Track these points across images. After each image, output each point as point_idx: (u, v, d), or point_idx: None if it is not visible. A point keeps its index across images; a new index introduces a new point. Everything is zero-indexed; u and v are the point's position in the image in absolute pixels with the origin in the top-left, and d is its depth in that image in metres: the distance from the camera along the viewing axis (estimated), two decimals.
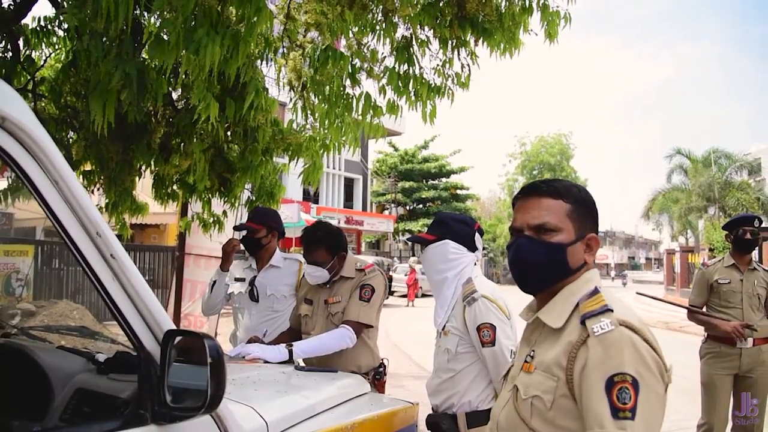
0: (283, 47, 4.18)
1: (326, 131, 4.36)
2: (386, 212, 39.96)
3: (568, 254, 1.45)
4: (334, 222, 24.65)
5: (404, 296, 23.93)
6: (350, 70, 4.00)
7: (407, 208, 40.63)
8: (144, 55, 3.39)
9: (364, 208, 36.26)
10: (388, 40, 4.14)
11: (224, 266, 3.67)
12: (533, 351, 1.45)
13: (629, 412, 1.20)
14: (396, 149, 42.33)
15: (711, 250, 22.38)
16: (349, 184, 35.36)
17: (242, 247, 3.67)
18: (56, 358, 1.87)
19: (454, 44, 4.26)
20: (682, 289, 25.82)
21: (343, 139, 4.34)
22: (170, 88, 4.32)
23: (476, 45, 4.29)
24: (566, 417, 1.32)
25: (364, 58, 4.17)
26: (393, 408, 2.43)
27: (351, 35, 4.15)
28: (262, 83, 3.96)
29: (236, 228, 3.79)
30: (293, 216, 18.68)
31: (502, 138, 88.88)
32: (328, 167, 31.96)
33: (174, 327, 1.46)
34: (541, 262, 1.46)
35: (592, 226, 1.50)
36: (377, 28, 4.12)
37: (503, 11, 4.08)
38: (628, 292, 36.11)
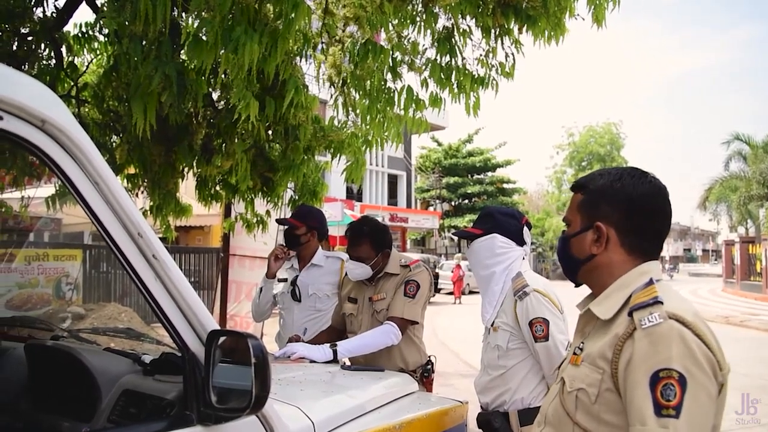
0: (322, 43, 4.18)
1: (368, 127, 4.34)
2: (431, 208, 39.77)
3: (571, 246, 1.48)
4: (378, 220, 24.95)
5: (451, 293, 23.82)
6: (391, 64, 3.98)
7: (452, 203, 40.39)
8: (183, 57, 3.44)
9: (409, 205, 36.22)
10: (428, 31, 4.10)
11: (269, 273, 3.69)
12: (583, 343, 1.43)
13: (673, 410, 1.15)
14: (439, 144, 42.13)
15: None
16: (392, 180, 35.38)
17: (287, 253, 3.70)
18: (103, 360, 1.90)
19: (497, 33, 4.19)
20: (742, 282, 25.06)
21: (386, 134, 4.31)
22: (210, 89, 4.38)
23: (520, 33, 4.22)
24: (610, 411, 1.28)
25: (405, 51, 4.14)
26: (442, 407, 2.40)
27: (391, 28, 4.12)
28: (301, 80, 3.97)
29: (278, 221, 3.88)
30: (337, 214, 18.79)
31: (549, 129, 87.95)
32: (370, 164, 32.05)
33: (218, 327, 1.46)
34: (560, 255, 1.55)
35: (608, 213, 1.42)
36: (417, 19, 4.08)
37: None
38: (683, 285, 35.29)
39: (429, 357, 3.14)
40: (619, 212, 1.42)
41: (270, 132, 4.56)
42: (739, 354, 10.91)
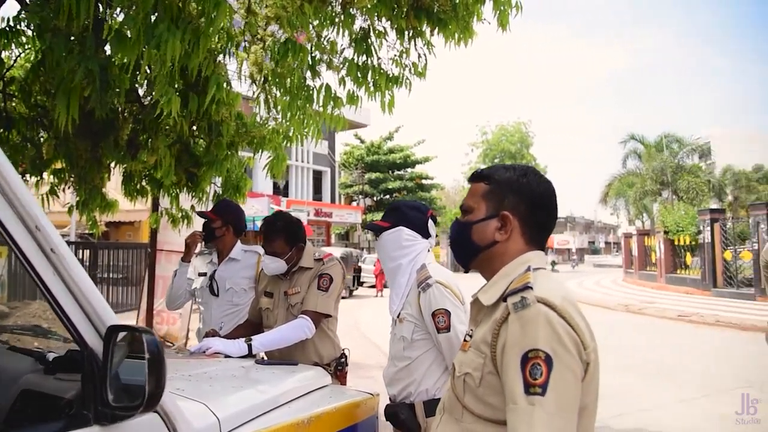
0: (245, 41, 4.20)
1: (288, 123, 4.39)
2: (354, 204, 39.95)
3: (473, 232, 1.50)
4: (303, 215, 24.65)
5: (373, 287, 24.01)
6: (310, 63, 4.05)
7: (374, 199, 40.70)
8: (108, 52, 3.39)
9: (333, 200, 36.24)
10: (346, 31, 4.18)
11: (185, 258, 3.68)
12: (473, 330, 1.47)
13: (540, 388, 1.19)
14: (362, 141, 42.34)
15: (666, 233, 22.90)
16: (317, 176, 35.30)
17: (201, 236, 3.69)
18: (2, 359, 1.80)
19: (410, 34, 4.31)
20: (639, 272, 26.41)
21: (306, 130, 4.37)
22: (135, 84, 4.31)
23: (432, 35, 4.35)
24: (493, 393, 1.32)
25: (324, 50, 4.21)
26: (353, 400, 2.37)
27: (311, 28, 4.18)
28: (224, 78, 3.97)
29: (197, 213, 3.89)
30: (263, 209, 18.63)
31: (465, 127, 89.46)
32: (296, 160, 31.85)
33: (118, 323, 1.38)
34: (455, 241, 1.57)
35: (514, 205, 1.48)
36: (336, 20, 4.16)
37: (457, 1, 4.14)
38: (587, 276, 36.82)
39: (343, 350, 3.15)
40: (524, 205, 1.48)
41: (194, 128, 4.54)
42: (642, 340, 11.60)
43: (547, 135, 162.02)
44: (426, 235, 2.53)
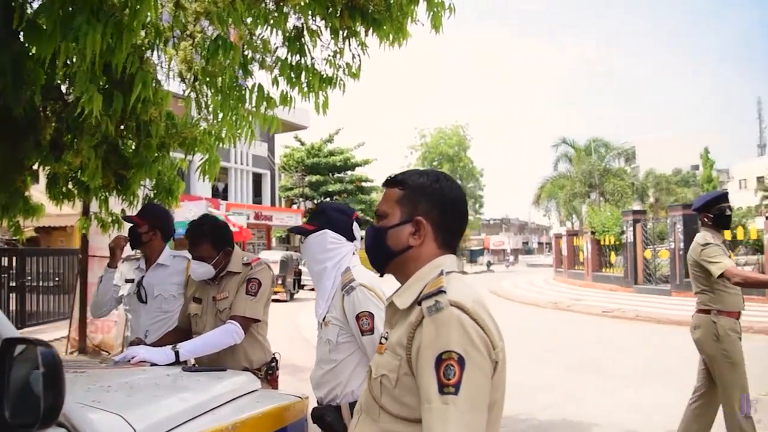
0: (174, 38, 4.02)
1: (221, 124, 4.24)
2: (295, 206, 39.55)
3: (388, 237, 1.51)
4: (243, 218, 24.22)
5: (313, 290, 23.76)
6: (242, 61, 3.90)
7: (315, 201, 40.42)
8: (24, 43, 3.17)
9: (273, 203, 35.76)
10: (279, 30, 4.06)
11: (111, 263, 3.50)
12: (388, 332, 1.48)
13: (453, 387, 1.24)
14: (302, 143, 41.99)
15: (593, 233, 23.61)
16: (257, 179, 34.72)
17: (126, 241, 3.52)
18: None
19: (344, 34, 4.22)
20: (569, 271, 27.13)
21: (239, 132, 4.22)
22: (58, 81, 4.07)
23: (366, 35, 4.28)
24: (409, 394, 1.34)
25: (256, 49, 4.07)
26: (281, 403, 2.34)
27: (244, 25, 4.04)
28: (152, 75, 3.79)
29: (123, 218, 3.70)
30: (201, 213, 18.13)
31: (405, 130, 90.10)
32: (235, 163, 31.24)
33: (17, 335, 1.31)
34: (371, 246, 1.57)
35: (428, 210, 1.50)
36: (270, 18, 4.03)
37: (391, 2, 4.08)
38: (521, 276, 37.61)
39: (274, 354, 3.09)
40: (437, 210, 1.50)
41: (122, 128, 4.32)
42: (570, 336, 11.90)
43: (487, 138, 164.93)
44: (351, 237, 2.49)
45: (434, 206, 1.50)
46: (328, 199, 40.20)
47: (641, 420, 5.76)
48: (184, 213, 13.01)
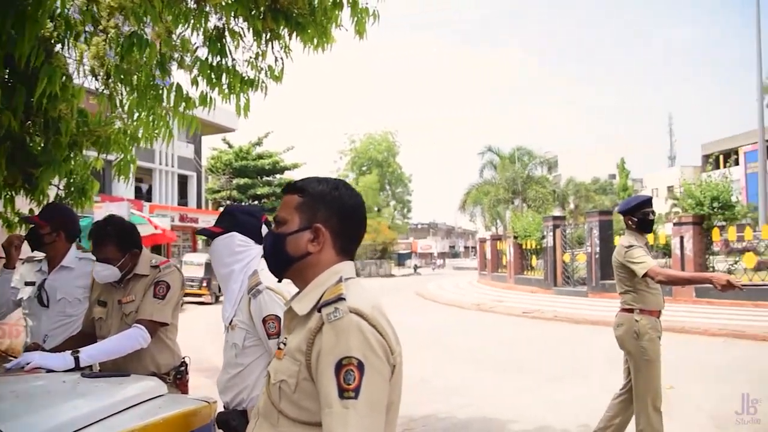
0: (86, 32, 3.83)
1: (136, 123, 4.07)
2: (221, 209, 38.75)
3: (287, 243, 1.51)
4: (167, 220, 23.44)
5: None
6: (159, 60, 3.76)
7: (243, 204, 39.74)
8: None
9: (199, 206, 34.84)
10: (200, 29, 3.94)
11: (8, 264, 3.27)
12: (286, 338, 1.49)
13: (353, 392, 1.27)
14: (230, 146, 41.24)
15: (515, 237, 24.29)
16: (182, 181, 33.72)
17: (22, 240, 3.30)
18: None
19: (267, 37, 4.16)
20: (492, 273, 27.79)
21: (156, 132, 4.07)
22: None
23: (290, 38, 4.23)
24: (308, 398, 1.36)
25: (175, 48, 3.93)
26: (187, 408, 2.26)
27: (163, 23, 3.90)
28: (62, 70, 3.59)
29: (23, 219, 3.48)
30: (123, 215, 17.41)
31: (335, 135, 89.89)
32: (160, 164, 30.25)
33: None
34: (270, 252, 1.57)
35: (327, 217, 1.51)
36: (190, 17, 3.91)
37: (315, 5, 4.05)
38: (448, 278, 38.20)
39: (183, 358, 2.99)
40: (336, 217, 1.51)
41: (29, 123, 4.08)
42: (491, 336, 12.17)
43: (414, 144, 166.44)
44: (259, 240, 2.44)
45: (333, 214, 1.51)
46: (256, 203, 39.63)
47: (557, 415, 5.95)
48: (104, 214, 12.46)
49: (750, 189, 50.27)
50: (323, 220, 1.50)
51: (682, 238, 16.13)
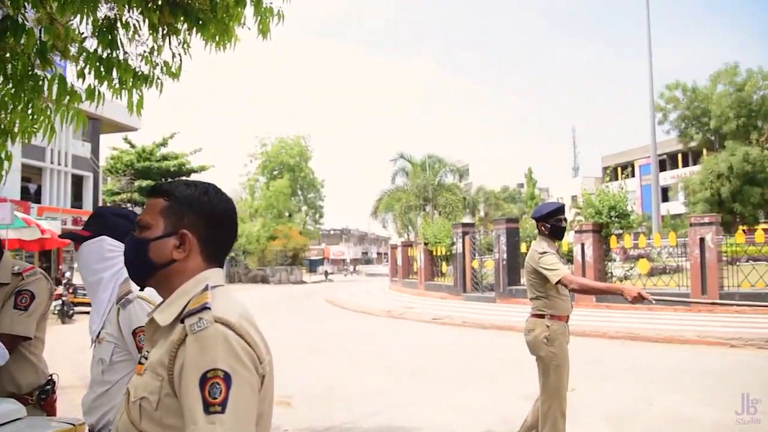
0: None
1: (11, 116, 3.75)
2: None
3: (150, 249, 1.44)
4: (57, 223, 22.06)
5: None
6: (38, 47, 3.47)
7: (116, 207, 38.12)
8: None
9: (96, 209, 33.12)
10: (89, 19, 3.69)
11: None
12: (148, 352, 1.41)
13: (219, 406, 1.21)
14: (132, 146, 39.55)
15: (426, 244, 24.65)
16: (77, 182, 31.84)
17: None
18: None
19: (165, 31, 3.97)
20: (403, 280, 28.07)
21: (35, 126, 3.77)
22: None
23: (189, 34, 4.06)
24: (172, 415, 1.29)
25: (58, 37, 3.65)
26: None
27: (45, 9, 3.62)
28: None
29: None
30: (6, 217, 16.22)
31: (246, 138, 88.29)
32: (51, 163, 28.44)
33: None
34: (130, 258, 1.49)
35: (194, 223, 1.44)
36: (78, 4, 3.65)
37: (217, 2, 3.91)
38: (360, 285, 38.24)
39: (50, 376, 2.74)
40: (204, 223, 1.45)
41: None
42: (400, 343, 12.23)
43: (328, 150, 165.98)
44: None
45: (201, 219, 1.45)
46: None
47: (463, 421, 6.03)
48: None
49: (644, 199, 53.74)
50: (190, 226, 1.44)
51: (583, 245, 16.92)
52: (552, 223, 4.40)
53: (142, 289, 1.51)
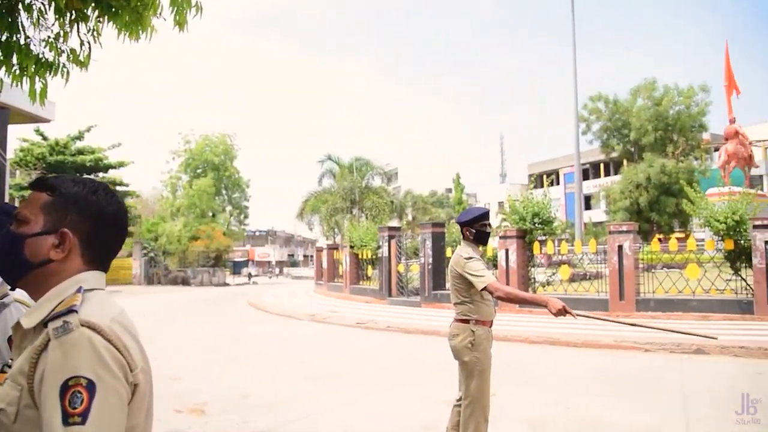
0: None
1: None
2: None
3: (25, 246, 1.34)
4: None
5: None
6: None
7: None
8: None
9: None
10: None
11: None
12: (11, 360, 1.35)
13: (79, 417, 1.13)
14: (45, 138, 37.65)
15: (352, 247, 24.62)
16: None
17: None
18: None
19: (72, 17, 3.78)
20: (329, 283, 27.94)
21: None
22: None
23: (100, 21, 3.88)
24: (33, 429, 1.20)
25: None
26: None
27: None
28: None
29: None
30: None
31: (169, 134, 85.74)
32: None
33: None
34: (3, 254, 1.37)
35: (78, 222, 1.37)
36: None
37: None
38: (284, 287, 37.87)
39: None
40: (89, 223, 1.38)
41: None
42: (322, 348, 12.13)
43: (255, 149, 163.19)
44: None
45: (86, 219, 1.38)
46: None
47: (384, 426, 6.04)
48: None
49: (568, 207, 55.81)
50: (72, 225, 1.36)
51: (507, 250, 17.34)
52: (477, 228, 4.45)
53: (12, 289, 1.42)
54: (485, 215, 4.53)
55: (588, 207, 57.02)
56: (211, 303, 25.63)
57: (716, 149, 40.34)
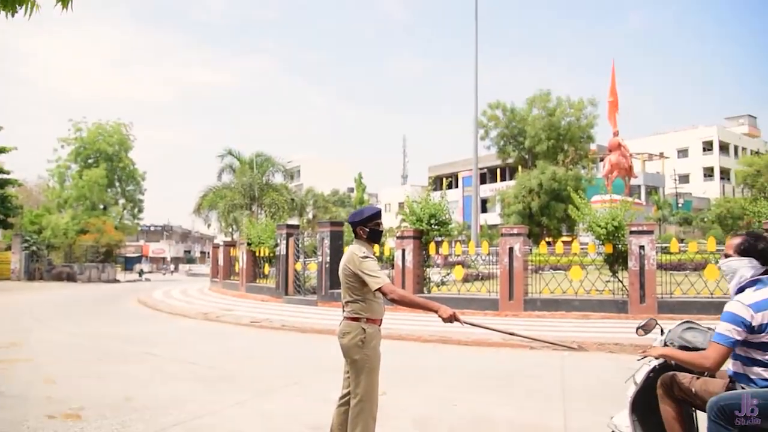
0: None
1: None
2: None
3: None
4: None
5: None
6: None
7: None
8: None
9: None
10: None
11: None
12: None
13: None
14: None
15: (249, 244, 24.06)
16: None
17: None
18: None
19: None
20: (224, 281, 27.21)
21: None
22: None
23: None
24: None
25: None
26: None
27: None
28: None
29: None
30: None
31: (59, 121, 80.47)
32: None
33: None
34: None
35: None
36: None
37: None
38: (177, 285, 36.50)
39: None
40: None
41: None
42: (212, 347, 11.69)
43: (153, 141, 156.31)
44: None
45: None
46: None
47: (271, 428, 5.88)
48: None
49: (466, 210, 57.44)
50: None
51: (404, 250, 17.51)
52: (371, 227, 4.44)
53: None
54: (378, 214, 4.52)
55: (485, 210, 59.01)
56: (98, 300, 24.26)
57: (601, 159, 42.96)
